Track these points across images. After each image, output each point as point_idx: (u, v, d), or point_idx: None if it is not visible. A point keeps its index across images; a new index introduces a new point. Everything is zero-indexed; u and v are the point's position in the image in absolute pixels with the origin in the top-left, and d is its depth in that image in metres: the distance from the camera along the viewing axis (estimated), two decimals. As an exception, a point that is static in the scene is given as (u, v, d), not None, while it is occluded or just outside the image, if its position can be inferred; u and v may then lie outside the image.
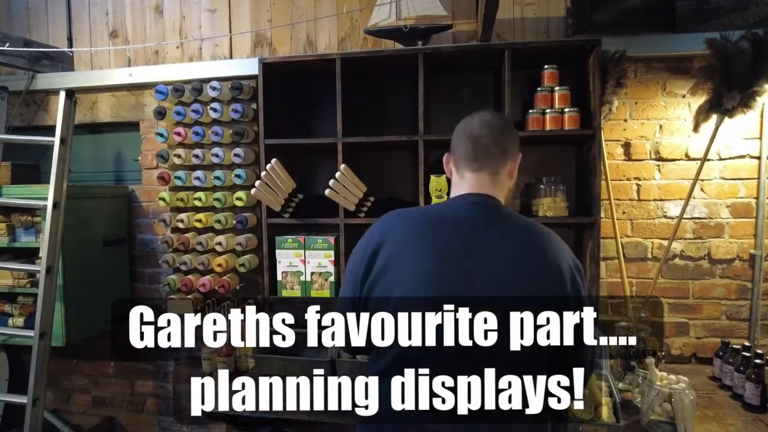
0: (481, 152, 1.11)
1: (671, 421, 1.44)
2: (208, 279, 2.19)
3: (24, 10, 2.57)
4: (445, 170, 1.23)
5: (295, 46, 2.31)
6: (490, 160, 1.11)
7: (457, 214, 1.10)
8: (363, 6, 2.22)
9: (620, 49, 1.89)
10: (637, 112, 2.05)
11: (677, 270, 2.05)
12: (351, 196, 1.90)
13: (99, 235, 2.30)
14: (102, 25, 2.50)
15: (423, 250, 1.05)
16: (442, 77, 2.13)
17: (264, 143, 2.00)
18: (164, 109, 2.20)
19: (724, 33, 1.77)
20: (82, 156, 2.60)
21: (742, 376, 1.66)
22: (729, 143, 1.98)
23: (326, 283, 2.00)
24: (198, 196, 2.21)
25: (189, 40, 2.40)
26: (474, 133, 1.12)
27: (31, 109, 2.57)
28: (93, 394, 2.63)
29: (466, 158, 1.13)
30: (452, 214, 1.11)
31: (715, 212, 2.01)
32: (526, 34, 2.10)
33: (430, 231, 1.08)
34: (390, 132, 2.01)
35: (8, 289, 2.17)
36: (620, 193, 2.07)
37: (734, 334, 2.02)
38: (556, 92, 1.88)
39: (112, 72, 2.43)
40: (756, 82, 1.73)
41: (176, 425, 2.55)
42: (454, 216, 1.10)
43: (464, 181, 1.14)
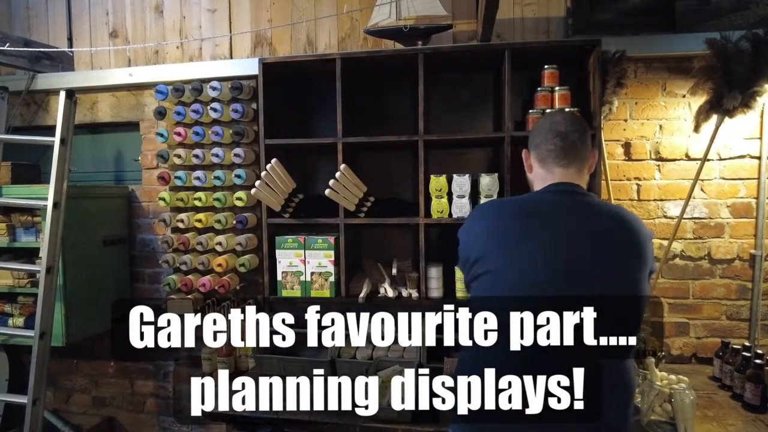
0: (570, 149, 1.18)
1: (671, 421, 1.44)
2: (208, 279, 2.19)
3: (24, 10, 2.57)
4: (525, 166, 1.30)
5: (295, 46, 2.31)
6: (577, 155, 1.19)
7: (544, 204, 1.17)
8: (363, 6, 2.22)
9: (620, 49, 1.89)
10: (637, 112, 2.05)
11: (677, 270, 2.05)
12: (351, 196, 1.90)
13: (99, 235, 2.30)
14: (102, 25, 2.50)
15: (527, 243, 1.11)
16: (442, 77, 2.13)
17: (264, 143, 2.00)
18: (164, 109, 2.20)
19: (724, 33, 1.77)
20: (82, 156, 2.60)
21: (742, 377, 1.66)
22: (729, 143, 1.98)
23: (326, 283, 2.00)
24: (198, 196, 2.21)
25: (189, 40, 2.40)
26: (562, 130, 1.19)
27: (31, 109, 2.57)
28: (93, 394, 2.63)
29: (555, 154, 1.19)
30: (540, 204, 1.18)
31: (715, 212, 2.01)
32: (526, 34, 2.10)
33: (533, 223, 1.14)
34: (390, 132, 2.01)
35: (8, 289, 2.17)
36: (620, 193, 2.07)
37: (734, 334, 2.02)
38: (556, 92, 1.88)
39: (112, 72, 2.43)
40: (756, 82, 1.73)
41: (176, 425, 2.55)
42: (541, 205, 1.18)
43: (552, 176, 1.20)
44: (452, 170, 1.93)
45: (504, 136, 1.84)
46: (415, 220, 1.92)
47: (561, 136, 1.19)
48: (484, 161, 2.15)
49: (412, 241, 2.13)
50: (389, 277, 2.04)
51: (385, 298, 1.95)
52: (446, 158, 2.14)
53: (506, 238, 1.13)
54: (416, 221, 1.92)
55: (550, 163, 1.20)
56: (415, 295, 1.94)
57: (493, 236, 1.15)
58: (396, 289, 1.98)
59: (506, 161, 1.82)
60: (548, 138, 1.20)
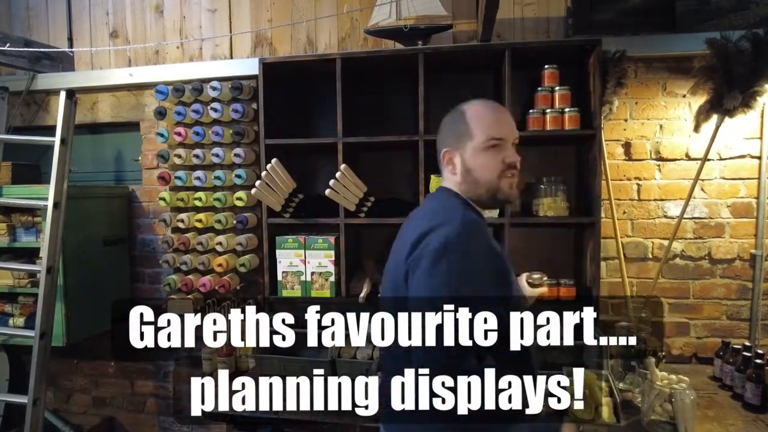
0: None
1: (672, 421, 1.44)
2: (209, 279, 2.19)
3: (24, 10, 2.58)
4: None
5: (295, 46, 2.31)
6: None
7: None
8: (363, 6, 2.22)
9: (620, 49, 1.89)
10: (637, 112, 2.05)
11: (678, 270, 2.05)
12: (351, 196, 1.90)
13: (99, 235, 2.30)
14: (102, 25, 2.50)
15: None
16: (442, 77, 2.13)
17: (264, 143, 2.00)
18: (164, 109, 2.20)
19: (725, 33, 1.77)
20: (83, 156, 2.60)
21: (742, 376, 1.66)
22: (729, 143, 1.98)
23: (326, 283, 2.00)
24: (198, 196, 2.21)
25: (189, 40, 2.40)
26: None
27: (32, 109, 2.57)
28: (93, 394, 2.63)
29: None
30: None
31: (716, 212, 2.01)
32: (526, 34, 2.10)
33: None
34: (390, 132, 2.01)
35: (9, 289, 2.17)
36: (620, 193, 2.06)
37: (735, 334, 2.02)
38: (556, 92, 1.88)
39: (113, 72, 2.43)
40: (756, 82, 1.73)
41: (176, 425, 2.55)
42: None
43: None
44: (452, 170, 1.93)
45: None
46: (415, 220, 1.92)
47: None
48: (484, 161, 2.15)
49: (413, 241, 2.13)
50: (389, 277, 2.03)
51: (386, 298, 1.95)
52: (446, 158, 2.14)
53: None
54: (416, 221, 1.92)
55: None
56: (416, 295, 1.94)
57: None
58: (396, 289, 1.98)
59: (506, 161, 1.82)
60: None
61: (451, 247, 0.99)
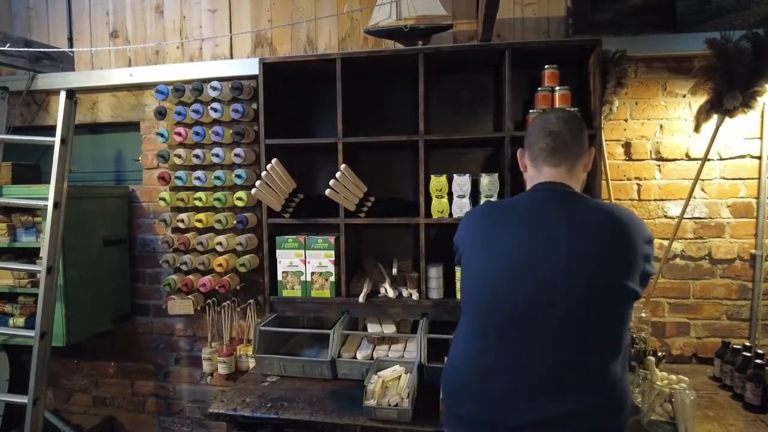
0: (561, 148, 1.21)
1: (672, 421, 1.44)
2: (209, 279, 2.19)
3: (24, 10, 2.58)
4: (519, 165, 1.34)
5: (295, 46, 2.31)
6: (568, 154, 1.21)
7: (523, 203, 1.21)
8: (363, 6, 2.22)
9: (620, 49, 1.89)
10: (637, 112, 2.05)
11: (678, 270, 2.05)
12: (351, 196, 1.90)
13: (99, 235, 2.30)
14: (102, 25, 2.50)
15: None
16: (443, 77, 2.13)
17: (264, 143, 2.00)
18: (165, 109, 2.21)
19: (725, 33, 1.77)
20: (83, 156, 2.60)
21: (742, 376, 1.66)
22: (729, 143, 1.98)
23: (327, 283, 2.00)
24: (198, 196, 2.21)
25: (189, 40, 2.40)
26: (554, 129, 1.21)
27: (32, 109, 2.57)
28: (93, 394, 2.63)
29: (546, 153, 1.22)
30: (518, 203, 1.23)
31: (716, 212, 2.01)
32: (527, 34, 2.10)
33: (494, 220, 1.22)
34: (390, 132, 2.01)
35: (9, 289, 2.17)
36: (621, 193, 2.06)
37: (735, 334, 2.02)
38: (556, 92, 1.88)
39: (113, 72, 2.43)
40: (757, 82, 1.73)
41: (176, 425, 2.55)
42: (518, 204, 1.22)
43: (541, 175, 1.23)
44: (452, 170, 1.93)
45: (504, 136, 1.84)
46: (415, 220, 1.92)
47: (552, 135, 1.21)
48: (484, 161, 2.15)
49: (413, 241, 2.13)
50: (389, 277, 2.04)
51: (386, 298, 1.95)
52: (446, 158, 2.14)
53: (481, 233, 1.22)
54: (416, 221, 1.92)
55: (541, 162, 1.23)
56: (416, 296, 1.94)
57: (472, 231, 1.25)
58: (396, 289, 1.98)
59: (506, 161, 1.82)
60: (540, 137, 1.23)
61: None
